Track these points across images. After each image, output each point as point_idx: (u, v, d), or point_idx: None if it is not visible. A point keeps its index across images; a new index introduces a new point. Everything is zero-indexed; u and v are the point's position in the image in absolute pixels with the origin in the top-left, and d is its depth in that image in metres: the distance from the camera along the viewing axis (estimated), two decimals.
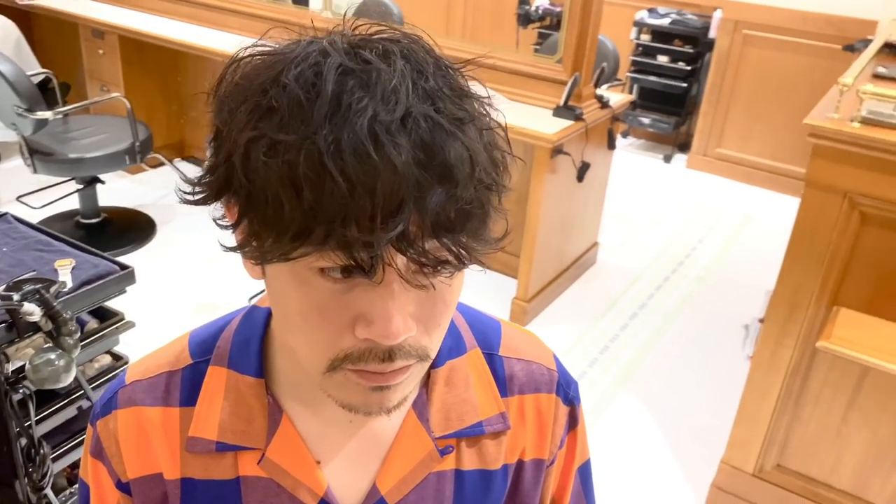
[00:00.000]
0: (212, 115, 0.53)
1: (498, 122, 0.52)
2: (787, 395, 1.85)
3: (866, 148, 1.57)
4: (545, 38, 4.54)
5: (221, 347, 0.66)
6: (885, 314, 1.68)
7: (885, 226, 1.63)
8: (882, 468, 1.79)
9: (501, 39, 4.81)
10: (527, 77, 2.83)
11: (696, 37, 4.46)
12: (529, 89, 2.82)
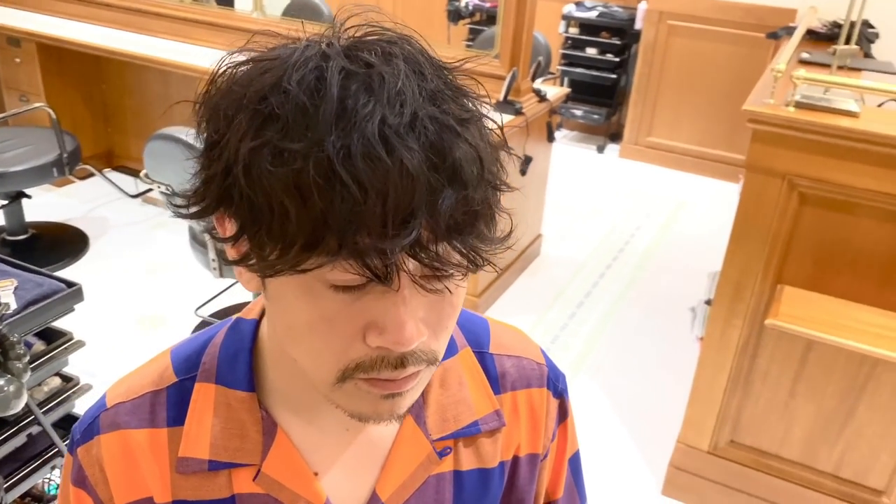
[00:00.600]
0: (201, 125, 0.52)
1: (494, 120, 0.52)
2: (738, 373, 1.92)
3: (801, 131, 1.64)
4: (476, 33, 4.57)
5: (207, 363, 0.64)
6: (825, 289, 1.75)
7: (822, 205, 1.70)
8: (828, 437, 1.87)
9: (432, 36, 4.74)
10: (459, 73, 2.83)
11: (622, 28, 4.56)
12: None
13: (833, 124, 1.60)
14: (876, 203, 1.65)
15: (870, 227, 1.67)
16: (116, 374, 0.68)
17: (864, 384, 1.79)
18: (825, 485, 1.92)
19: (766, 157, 1.69)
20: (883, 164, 1.60)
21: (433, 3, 4.96)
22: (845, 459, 1.88)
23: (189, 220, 0.55)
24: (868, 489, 1.88)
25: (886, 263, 1.68)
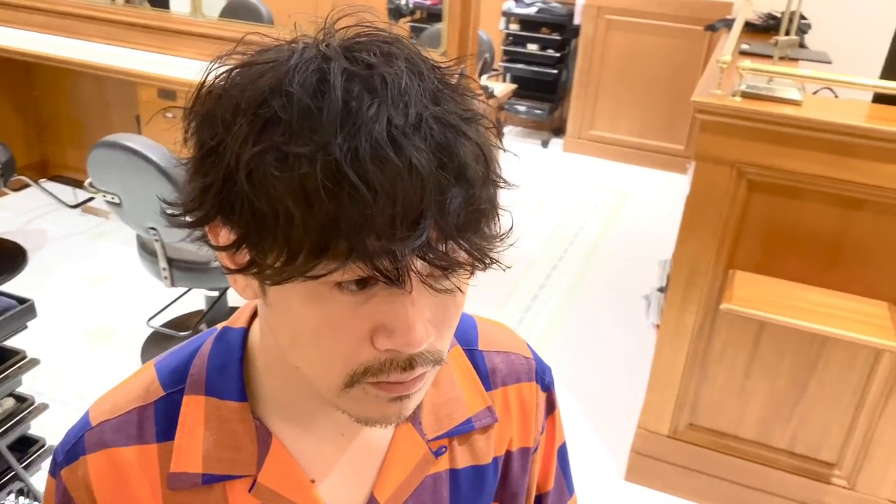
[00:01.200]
0: (192, 131, 0.50)
1: (491, 119, 0.52)
2: (694, 357, 1.97)
3: (748, 120, 1.69)
4: (418, 31, 4.57)
5: (196, 375, 0.62)
6: (774, 273, 1.81)
7: (769, 191, 1.76)
8: (782, 415, 1.94)
9: None
10: None
11: (562, 24, 4.62)
12: None
13: (778, 112, 1.66)
14: (821, 187, 1.71)
15: (816, 211, 1.73)
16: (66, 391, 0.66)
17: (815, 362, 1.86)
18: (781, 461, 1.98)
19: (715, 146, 1.74)
20: (825, 150, 1.66)
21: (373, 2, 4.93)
22: (799, 436, 1.95)
23: (182, 229, 0.54)
24: (821, 462, 1.95)
25: (832, 245, 1.75)
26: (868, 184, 1.66)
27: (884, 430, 1.84)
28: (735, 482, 2.04)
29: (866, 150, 1.63)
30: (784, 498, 2.00)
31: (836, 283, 1.77)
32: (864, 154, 1.63)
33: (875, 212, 1.69)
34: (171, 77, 2.93)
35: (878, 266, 1.73)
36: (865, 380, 1.82)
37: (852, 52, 2.43)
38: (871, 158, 1.63)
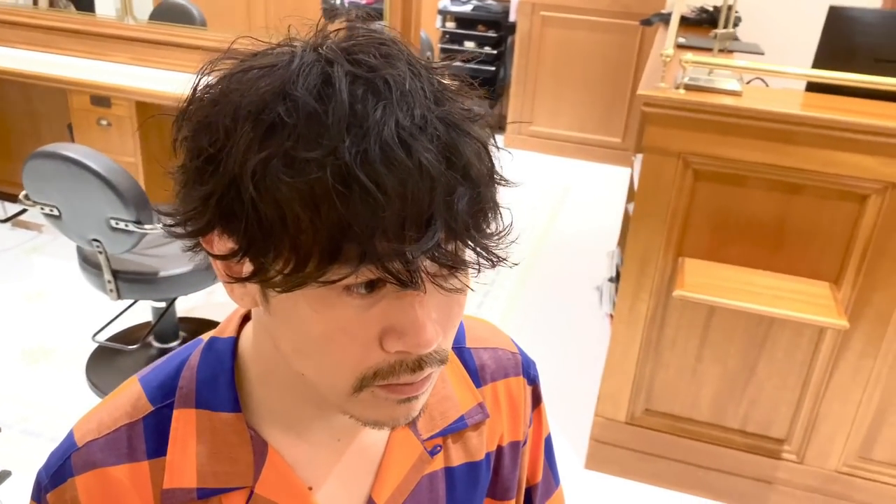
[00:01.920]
0: (187, 139, 0.49)
1: (487, 118, 0.53)
2: (648, 344, 2.02)
3: (692, 111, 1.74)
4: None
5: (185, 387, 0.61)
6: (722, 258, 1.87)
7: (714, 180, 1.81)
8: (734, 396, 2.01)
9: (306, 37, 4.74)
10: None
11: (498, 21, 4.66)
12: None
13: (720, 103, 1.72)
14: (762, 174, 1.77)
15: (759, 197, 1.80)
16: (5, 414, 0.63)
17: (762, 343, 1.93)
18: (734, 440, 2.05)
19: (661, 138, 1.79)
20: (766, 138, 1.72)
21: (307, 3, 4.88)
22: (750, 415, 2.02)
23: (181, 239, 0.52)
24: (772, 439, 2.03)
25: (775, 230, 1.82)
26: (806, 169, 1.73)
27: (829, 405, 1.92)
28: (691, 464, 2.10)
29: (804, 136, 1.70)
30: (738, 476, 2.07)
31: (780, 266, 1.84)
32: (802, 141, 1.70)
33: (814, 196, 1.76)
34: (103, 83, 2.84)
35: (818, 248, 1.80)
36: (810, 357, 1.90)
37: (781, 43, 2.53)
38: (808, 145, 1.70)
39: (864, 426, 1.93)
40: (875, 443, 1.94)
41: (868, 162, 1.68)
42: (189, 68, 0.50)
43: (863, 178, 1.70)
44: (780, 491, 2.05)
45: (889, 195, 1.70)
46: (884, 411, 1.91)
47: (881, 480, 1.97)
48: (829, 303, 1.74)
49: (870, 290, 1.78)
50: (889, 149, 1.66)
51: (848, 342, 1.85)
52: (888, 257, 1.74)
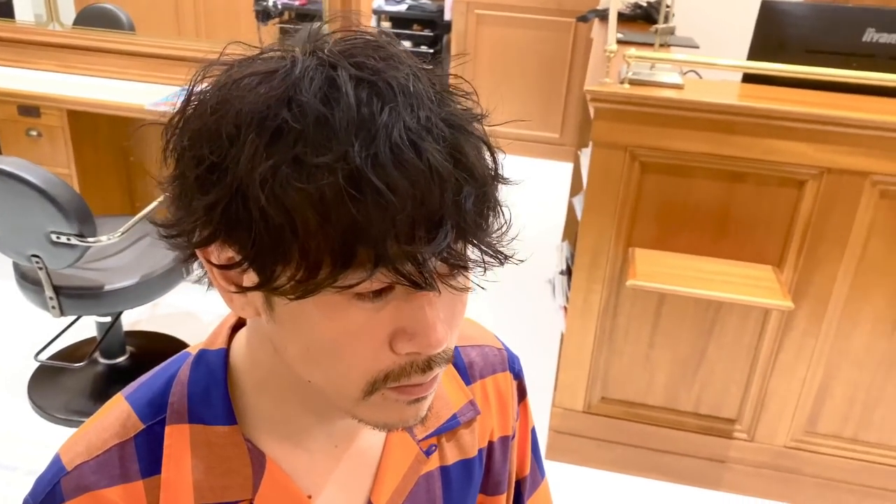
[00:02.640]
0: (184, 148, 0.48)
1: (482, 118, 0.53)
2: (602, 334, 2.06)
3: (638, 105, 1.79)
4: (289, 32, 4.48)
5: (176, 403, 0.60)
6: (670, 247, 1.93)
7: (660, 171, 1.86)
8: (685, 379, 2.07)
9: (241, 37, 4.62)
10: None
11: (433, 20, 4.68)
12: None
13: (664, 97, 1.77)
14: (706, 164, 1.83)
15: (703, 187, 1.86)
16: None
17: (711, 327, 1.99)
18: (688, 423, 2.12)
19: (609, 132, 1.83)
20: (708, 129, 1.78)
21: (237, 5, 4.79)
22: (702, 397, 2.08)
23: (181, 250, 0.51)
24: (723, 420, 2.10)
25: (719, 217, 1.88)
26: (748, 157, 1.80)
27: (777, 383, 2.00)
28: (647, 448, 2.16)
29: (744, 126, 1.76)
30: (693, 457, 2.14)
31: (725, 252, 1.90)
32: (742, 130, 1.77)
33: (756, 183, 1.83)
34: (31, 92, 2.73)
35: (761, 233, 1.87)
36: (757, 339, 1.98)
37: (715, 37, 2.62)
38: (748, 134, 1.77)
39: (809, 402, 2.01)
40: (819, 417, 2.03)
41: (804, 149, 1.75)
42: (120, 74, 0.49)
43: (800, 165, 1.78)
44: (734, 469, 2.12)
45: (825, 180, 1.78)
46: (826, 386, 1.99)
47: (826, 452, 2.06)
48: (774, 285, 1.81)
49: (810, 272, 1.87)
50: (823, 136, 1.73)
51: (791, 322, 1.93)
52: (826, 240, 1.83)
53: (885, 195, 1.76)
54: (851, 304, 1.88)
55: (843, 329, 1.91)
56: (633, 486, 2.17)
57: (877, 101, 1.79)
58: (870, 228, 1.80)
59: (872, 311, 1.88)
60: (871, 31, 1.75)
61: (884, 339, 1.90)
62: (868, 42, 1.77)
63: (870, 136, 1.71)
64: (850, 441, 2.04)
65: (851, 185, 1.77)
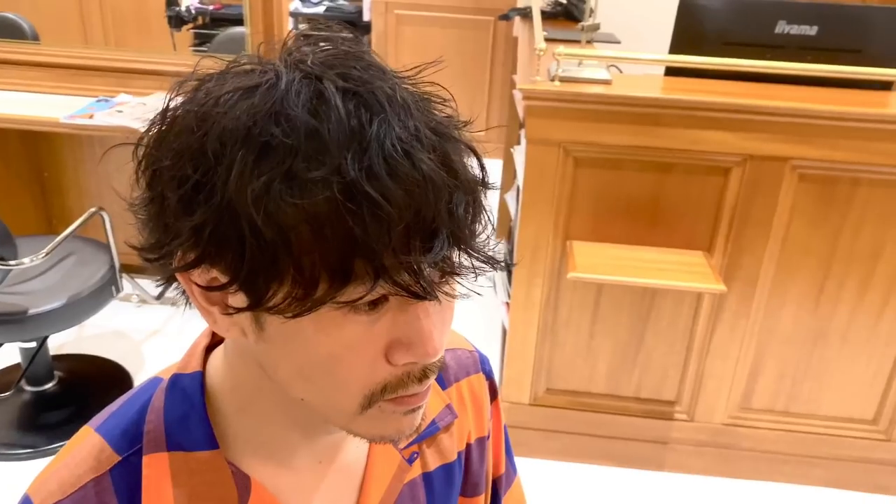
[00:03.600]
0: (163, 169, 0.46)
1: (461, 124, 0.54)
2: (545, 327, 2.09)
3: (569, 101, 1.82)
4: (204, 38, 4.35)
5: (153, 431, 0.58)
6: (605, 238, 1.98)
7: (593, 165, 1.91)
8: (626, 366, 2.13)
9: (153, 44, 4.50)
10: None
11: (352, 21, 4.64)
12: None
13: (594, 92, 1.81)
14: (635, 156, 1.89)
15: (634, 178, 1.91)
16: None
17: (648, 313, 2.05)
18: (630, 408, 2.18)
19: (542, 129, 1.86)
20: (636, 122, 1.84)
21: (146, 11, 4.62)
22: (642, 382, 2.15)
23: (162, 275, 0.50)
24: (663, 402, 2.17)
25: (651, 207, 1.94)
26: (675, 148, 1.86)
27: (712, 364, 2.08)
28: (593, 435, 2.21)
29: (670, 118, 1.83)
30: (636, 440, 2.20)
31: (658, 240, 1.96)
32: (669, 122, 1.83)
33: (683, 173, 1.90)
34: None
35: (690, 220, 1.94)
36: (692, 322, 2.05)
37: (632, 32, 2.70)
38: (674, 126, 1.83)
39: (743, 379, 2.10)
40: (753, 393, 2.13)
41: (728, 138, 1.83)
42: (27, 87, 0.48)
43: (725, 153, 1.85)
44: (676, 449, 2.20)
45: (748, 167, 1.86)
46: (758, 364, 2.09)
47: (761, 427, 2.15)
48: (706, 270, 1.88)
49: (738, 255, 1.95)
50: (745, 124, 1.81)
51: (723, 305, 2.01)
52: (751, 224, 1.91)
53: (803, 179, 1.86)
54: (778, 283, 1.98)
55: (771, 308, 2.01)
56: (580, 474, 2.22)
57: (791, 89, 1.88)
58: (791, 211, 1.89)
59: (797, 290, 1.98)
60: (783, 23, 1.84)
61: (808, 315, 2.01)
62: (780, 34, 1.86)
63: (787, 122, 1.80)
64: (782, 414, 2.14)
65: (773, 170, 1.85)
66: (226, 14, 4.35)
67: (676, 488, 2.17)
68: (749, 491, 2.17)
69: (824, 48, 1.86)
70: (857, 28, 1.87)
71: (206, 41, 4.14)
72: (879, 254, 1.91)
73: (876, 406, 2.10)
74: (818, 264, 1.94)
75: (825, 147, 1.81)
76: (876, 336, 2.01)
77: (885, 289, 1.95)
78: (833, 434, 2.14)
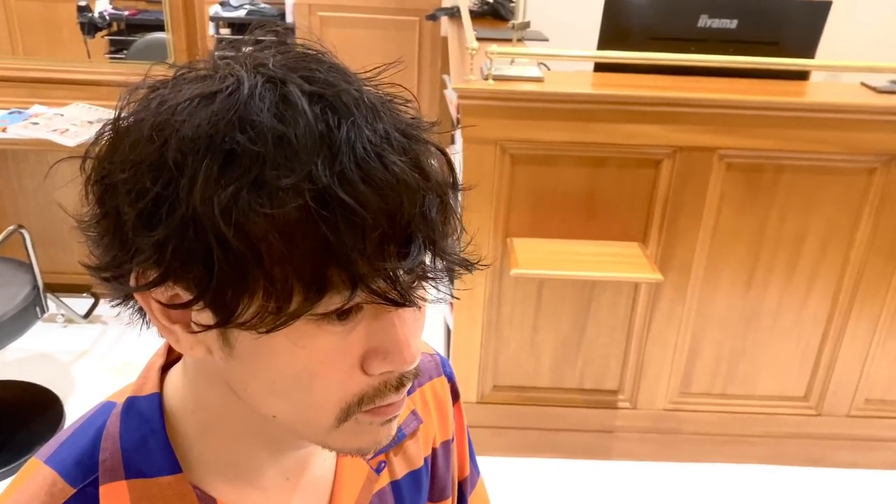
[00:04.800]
0: (118, 183, 0.44)
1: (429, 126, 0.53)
2: (489, 325, 2.10)
3: (503, 100, 1.84)
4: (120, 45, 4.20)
5: (109, 459, 0.55)
6: (544, 233, 2.00)
7: (530, 162, 1.93)
8: (569, 358, 2.16)
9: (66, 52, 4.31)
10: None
11: None
12: None
13: (528, 90, 1.83)
14: (570, 152, 1.92)
15: (569, 174, 1.94)
16: None
17: (588, 305, 2.09)
18: (575, 399, 2.21)
19: (479, 128, 1.87)
20: (569, 118, 1.86)
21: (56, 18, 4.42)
22: (585, 373, 2.18)
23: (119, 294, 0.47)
24: (607, 392, 2.21)
25: (587, 201, 1.97)
26: (607, 143, 1.90)
27: (651, 351, 2.13)
28: (539, 428, 2.23)
29: (602, 113, 1.86)
30: (582, 431, 2.24)
31: (595, 233, 2.00)
32: (601, 118, 1.86)
33: (616, 166, 1.93)
34: None
35: (624, 213, 1.99)
36: (630, 312, 2.10)
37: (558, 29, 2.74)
38: (607, 121, 1.87)
39: (682, 365, 2.16)
40: (692, 378, 2.19)
41: (658, 131, 1.88)
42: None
43: (655, 146, 1.90)
44: (621, 437, 2.24)
45: (678, 158, 1.91)
46: (695, 349, 2.15)
47: (701, 410, 2.22)
48: (642, 260, 1.93)
49: (672, 244, 2.00)
50: (674, 117, 1.86)
51: (660, 293, 2.06)
52: (683, 213, 1.96)
53: (731, 168, 1.92)
54: (710, 270, 2.04)
55: (705, 294, 2.07)
56: (527, 468, 2.24)
57: (715, 81, 1.95)
58: (720, 199, 1.95)
59: (729, 275, 2.05)
60: (705, 17, 1.90)
61: (740, 299, 2.08)
62: (703, 27, 1.92)
63: (714, 114, 1.86)
64: (720, 396, 2.21)
65: (701, 160, 1.91)
66: (142, 20, 4.20)
67: (623, 476, 2.22)
68: (692, 473, 2.23)
69: (744, 41, 1.93)
70: (775, 21, 1.95)
71: (122, 48, 3.99)
72: (804, 237, 2.00)
73: (806, 383, 2.19)
74: (747, 250, 2.01)
75: (750, 136, 1.88)
76: (803, 316, 2.10)
77: (810, 271, 2.04)
78: (768, 413, 2.22)
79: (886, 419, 2.23)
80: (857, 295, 2.05)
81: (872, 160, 1.91)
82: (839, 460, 2.26)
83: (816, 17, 1.92)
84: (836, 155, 1.90)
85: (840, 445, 2.25)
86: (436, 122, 0.51)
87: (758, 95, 1.86)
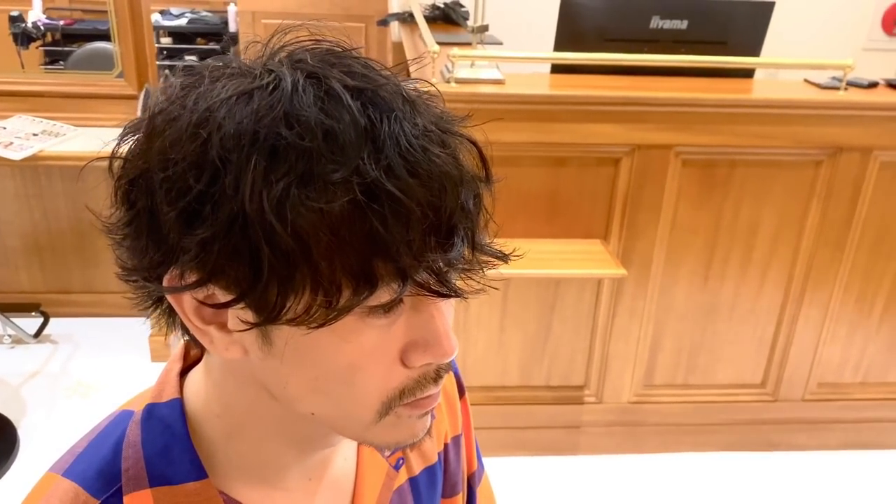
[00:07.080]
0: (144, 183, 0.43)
1: None
2: (457, 326, 2.11)
3: (467, 102, 1.85)
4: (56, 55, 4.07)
5: (132, 468, 0.54)
6: (508, 234, 2.00)
7: (496, 163, 1.94)
8: (536, 356, 2.19)
9: None
10: (83, 98, 2.56)
11: (217, 32, 4.49)
12: (91, 111, 2.56)
13: (492, 93, 1.85)
14: (531, 152, 1.94)
15: (532, 174, 1.97)
16: None
17: (553, 303, 2.12)
18: (543, 396, 2.24)
19: None
20: (530, 119, 1.89)
21: None
22: (552, 370, 2.21)
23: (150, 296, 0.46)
24: (573, 387, 2.24)
25: (550, 201, 2.00)
26: (568, 143, 1.93)
27: (615, 346, 2.18)
28: (509, 427, 2.25)
29: (562, 114, 1.89)
30: (550, 427, 2.27)
31: (558, 232, 2.03)
32: (562, 118, 1.90)
33: (577, 166, 1.97)
34: None
35: (587, 211, 2.02)
36: (594, 308, 2.13)
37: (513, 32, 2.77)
38: (567, 121, 1.90)
39: (645, 358, 2.21)
40: (655, 370, 2.24)
41: (616, 130, 1.92)
42: None
43: (614, 145, 1.94)
44: (588, 432, 2.28)
45: (636, 156, 1.96)
46: (656, 342, 2.20)
47: (664, 401, 2.28)
48: (606, 257, 1.97)
49: (633, 241, 2.05)
50: (631, 116, 1.91)
51: (622, 288, 2.10)
52: (643, 209, 2.01)
53: (686, 164, 1.98)
54: (669, 264, 2.09)
55: (665, 287, 2.12)
56: (497, 467, 2.25)
57: (667, 80, 2.00)
58: (678, 195, 2.01)
59: (687, 268, 2.11)
60: (657, 18, 1.95)
61: (698, 291, 2.14)
62: (654, 28, 1.97)
63: (670, 112, 1.91)
64: (682, 387, 2.27)
65: (659, 158, 1.96)
66: (79, 29, 4.09)
67: (591, 470, 2.26)
68: (657, 464, 2.28)
69: (694, 41, 1.99)
70: (722, 21, 2.02)
71: (59, 58, 3.87)
72: (756, 229, 2.07)
73: (763, 370, 2.27)
74: (704, 243, 2.08)
75: (704, 133, 1.94)
76: (758, 305, 2.17)
77: (764, 262, 2.11)
78: (728, 401, 2.29)
79: (838, 401, 2.33)
80: (807, 283, 2.14)
81: (818, 153, 1.99)
82: (796, 443, 2.34)
83: (761, 16, 2.00)
84: (785, 149, 1.98)
85: (796, 429, 2.33)
86: (466, 115, 0.52)
87: (710, 93, 1.93)
